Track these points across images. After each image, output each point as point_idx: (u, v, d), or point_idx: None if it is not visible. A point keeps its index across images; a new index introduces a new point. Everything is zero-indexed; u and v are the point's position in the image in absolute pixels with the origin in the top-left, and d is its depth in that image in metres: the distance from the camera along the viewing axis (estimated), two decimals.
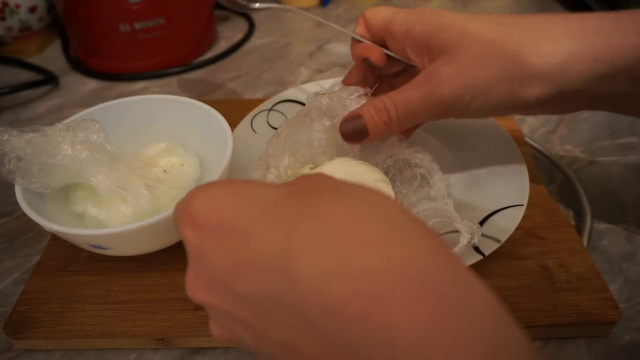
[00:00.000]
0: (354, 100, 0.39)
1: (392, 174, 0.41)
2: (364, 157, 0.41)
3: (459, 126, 0.48)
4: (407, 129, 0.39)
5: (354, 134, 0.36)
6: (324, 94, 0.40)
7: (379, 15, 0.39)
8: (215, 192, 0.22)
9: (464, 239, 0.36)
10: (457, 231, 0.38)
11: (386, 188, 0.39)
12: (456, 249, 0.36)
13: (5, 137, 0.34)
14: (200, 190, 0.22)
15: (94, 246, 0.35)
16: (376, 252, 0.17)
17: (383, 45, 0.40)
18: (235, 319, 0.21)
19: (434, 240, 0.19)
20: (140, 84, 0.64)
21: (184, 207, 0.22)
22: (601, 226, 0.43)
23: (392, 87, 0.39)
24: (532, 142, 0.50)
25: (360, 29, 0.41)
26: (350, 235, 0.18)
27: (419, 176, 0.41)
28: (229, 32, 0.75)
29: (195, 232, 0.21)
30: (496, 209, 0.39)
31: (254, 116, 0.49)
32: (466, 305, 0.17)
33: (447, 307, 0.16)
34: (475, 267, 0.35)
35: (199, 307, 0.36)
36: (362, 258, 0.17)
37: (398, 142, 0.40)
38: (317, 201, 0.19)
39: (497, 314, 0.17)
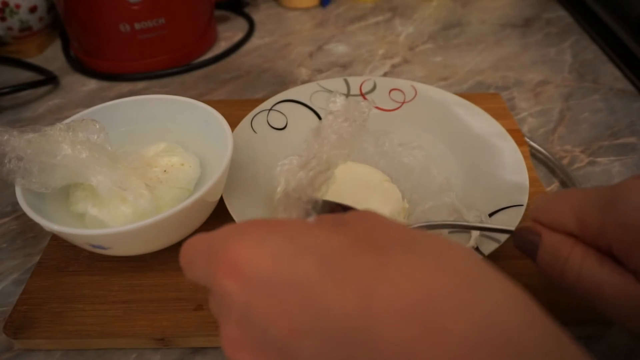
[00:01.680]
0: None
1: (387, 173, 0.41)
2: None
3: (459, 126, 0.48)
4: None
5: (523, 247, 0.30)
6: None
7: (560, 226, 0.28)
8: (262, 238, 0.19)
9: (476, 231, 0.36)
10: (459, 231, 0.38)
11: (392, 189, 0.39)
12: (471, 242, 0.36)
13: (5, 137, 0.34)
14: (241, 234, 0.19)
15: (94, 246, 0.35)
16: (466, 318, 0.16)
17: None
18: None
19: (520, 297, 0.17)
20: (140, 84, 0.64)
21: (221, 249, 0.19)
22: None
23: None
24: (532, 142, 0.50)
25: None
26: (436, 299, 0.16)
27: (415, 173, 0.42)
28: (229, 32, 0.75)
29: (240, 285, 0.18)
30: (496, 209, 0.39)
31: (254, 116, 0.49)
32: None
33: None
34: None
35: (199, 307, 0.36)
36: (452, 324, 0.16)
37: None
38: (390, 257, 0.17)
39: None
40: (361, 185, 0.39)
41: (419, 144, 0.43)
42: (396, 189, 0.40)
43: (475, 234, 0.37)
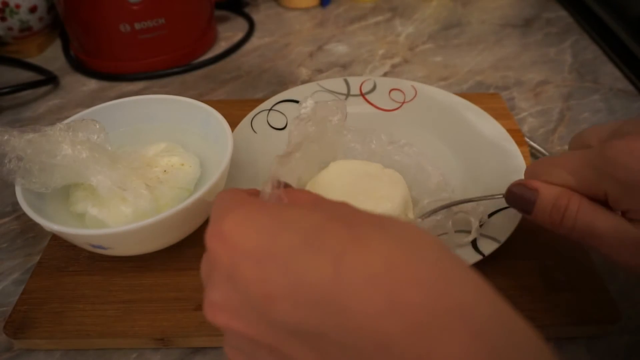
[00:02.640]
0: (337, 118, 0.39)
1: None
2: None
3: (459, 126, 0.48)
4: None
5: (518, 203, 0.33)
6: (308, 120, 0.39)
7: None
8: (250, 213, 0.21)
9: (475, 222, 0.37)
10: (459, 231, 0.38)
11: (393, 174, 0.40)
12: (470, 238, 0.37)
13: (5, 137, 0.34)
14: (234, 209, 0.21)
15: (94, 246, 0.35)
16: (429, 292, 0.18)
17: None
18: (265, 348, 0.20)
19: (480, 282, 0.19)
20: (140, 84, 0.64)
21: (214, 222, 0.21)
22: None
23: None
24: (532, 142, 0.50)
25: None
26: (402, 274, 0.18)
27: (412, 170, 0.42)
28: (229, 32, 0.75)
29: (226, 251, 0.20)
30: (496, 209, 0.39)
31: (254, 116, 0.49)
32: (516, 345, 0.17)
33: (499, 347, 0.17)
34: (475, 267, 0.35)
35: (199, 307, 0.36)
36: (415, 297, 0.17)
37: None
38: (362, 233, 0.19)
39: (540, 350, 0.18)
40: (363, 176, 0.40)
41: (407, 141, 0.43)
42: (397, 173, 0.40)
43: (475, 225, 0.37)
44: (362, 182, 0.39)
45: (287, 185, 0.25)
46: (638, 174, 0.26)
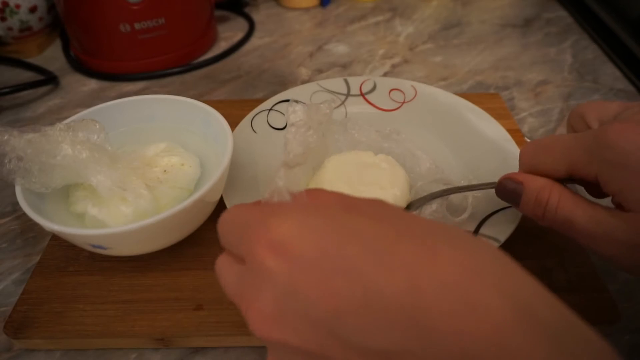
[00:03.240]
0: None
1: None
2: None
3: (459, 126, 0.48)
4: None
5: (506, 196, 0.34)
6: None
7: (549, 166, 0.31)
8: (305, 219, 0.19)
9: (469, 199, 0.38)
10: None
11: (389, 160, 0.40)
12: (464, 215, 0.38)
13: (5, 137, 0.34)
14: (283, 213, 0.19)
15: (94, 246, 0.35)
16: (504, 294, 0.18)
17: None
18: None
19: (536, 282, 0.19)
20: (140, 84, 0.64)
21: (259, 228, 0.19)
22: None
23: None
24: None
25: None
26: (476, 279, 0.18)
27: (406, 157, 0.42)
28: (229, 32, 0.75)
29: (284, 263, 0.18)
30: (496, 209, 0.39)
31: (254, 116, 0.49)
32: (584, 348, 0.18)
33: (570, 350, 0.17)
34: None
35: (199, 307, 0.36)
36: (495, 299, 0.17)
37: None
38: (431, 244, 0.19)
39: (604, 351, 0.18)
40: (361, 167, 0.39)
41: (394, 129, 0.44)
42: (390, 158, 0.40)
43: (469, 201, 0.39)
44: (362, 172, 0.39)
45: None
46: (626, 155, 0.26)
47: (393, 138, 0.43)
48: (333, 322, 0.18)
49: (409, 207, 0.39)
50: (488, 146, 0.45)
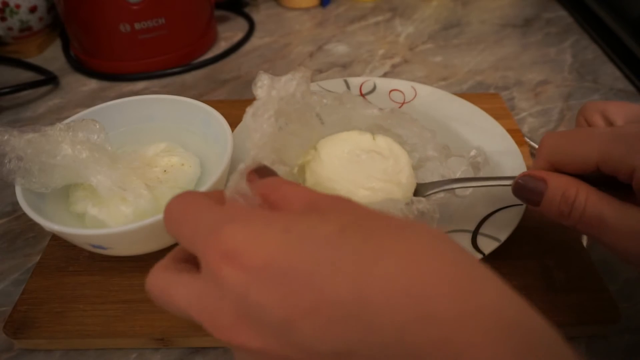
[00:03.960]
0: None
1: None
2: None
3: (459, 126, 0.48)
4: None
5: (525, 195, 0.32)
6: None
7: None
8: (257, 226, 0.19)
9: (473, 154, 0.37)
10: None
11: (389, 143, 0.38)
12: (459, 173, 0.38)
13: (5, 137, 0.34)
14: (236, 220, 0.20)
15: (94, 246, 0.35)
16: (455, 296, 0.17)
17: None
18: None
19: (498, 280, 0.19)
20: (140, 84, 0.64)
21: (211, 234, 0.20)
22: None
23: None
24: (532, 142, 0.50)
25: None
26: (425, 280, 0.18)
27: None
28: (229, 32, 0.75)
29: (238, 272, 0.19)
30: (496, 208, 0.39)
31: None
32: (540, 344, 0.17)
33: (525, 346, 0.17)
34: None
35: None
36: (443, 303, 0.17)
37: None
38: (379, 242, 0.19)
39: (562, 347, 0.18)
40: (362, 156, 0.37)
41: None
42: (389, 140, 0.38)
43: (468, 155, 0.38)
44: (363, 164, 0.37)
45: (271, 173, 0.24)
46: None
47: (396, 116, 0.40)
48: (286, 328, 0.18)
49: (415, 194, 0.38)
50: (488, 146, 0.45)
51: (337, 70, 0.66)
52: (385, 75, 0.64)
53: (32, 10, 0.67)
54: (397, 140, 0.40)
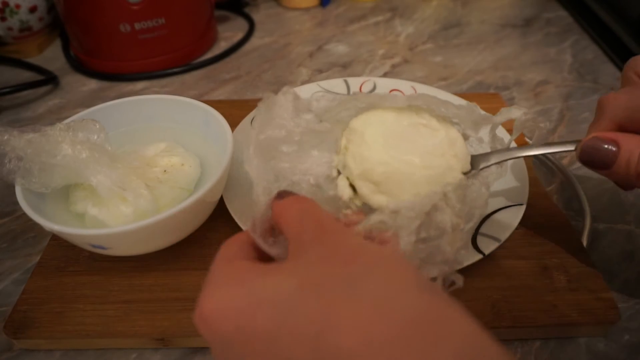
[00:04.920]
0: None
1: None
2: None
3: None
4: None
5: (595, 158, 0.31)
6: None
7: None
8: (224, 295, 0.21)
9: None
10: None
11: (442, 120, 0.35)
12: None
13: (5, 137, 0.34)
14: (210, 292, 0.22)
15: (94, 246, 0.35)
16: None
17: None
18: None
19: (455, 335, 0.18)
20: (140, 84, 0.64)
21: (200, 298, 0.22)
22: (600, 226, 0.43)
23: None
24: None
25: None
26: (376, 348, 0.17)
27: None
28: (229, 32, 0.75)
29: (213, 335, 0.21)
30: (496, 208, 0.39)
31: (254, 116, 0.49)
32: None
33: None
34: (475, 266, 0.35)
35: None
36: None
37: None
38: (334, 303, 0.19)
39: None
40: (409, 133, 0.34)
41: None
42: (432, 112, 0.35)
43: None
44: (415, 140, 0.33)
45: (286, 194, 0.25)
46: None
47: (425, 98, 0.36)
48: None
49: (472, 166, 0.36)
50: (488, 146, 0.45)
51: (337, 70, 0.66)
52: (385, 75, 0.64)
53: (32, 10, 0.67)
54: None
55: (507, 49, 0.69)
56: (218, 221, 0.40)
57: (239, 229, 0.37)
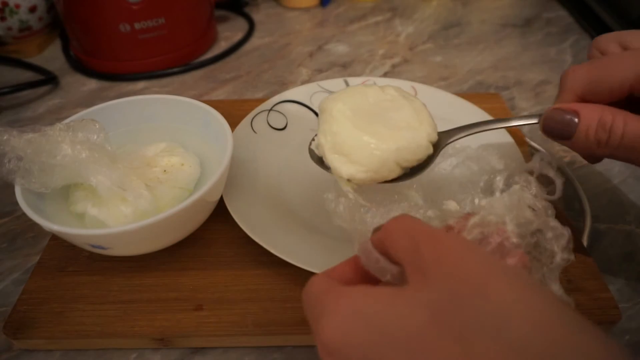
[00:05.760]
0: None
1: None
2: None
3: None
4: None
5: (556, 129, 0.31)
6: None
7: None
8: (348, 321, 0.20)
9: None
10: None
11: (409, 95, 0.36)
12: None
13: (5, 137, 0.34)
14: (332, 315, 0.21)
15: (94, 246, 0.35)
16: None
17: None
18: None
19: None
20: (140, 84, 0.64)
21: (316, 323, 0.21)
22: (601, 226, 0.43)
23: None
24: (532, 142, 0.50)
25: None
26: None
27: None
28: (229, 32, 0.75)
29: None
30: None
31: (254, 116, 0.49)
32: None
33: None
34: None
35: (198, 307, 0.36)
36: None
37: None
38: (472, 350, 0.17)
39: None
40: (377, 110, 0.35)
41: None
42: (400, 88, 0.36)
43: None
44: (383, 116, 0.34)
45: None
46: None
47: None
48: None
49: (438, 142, 0.36)
50: (487, 145, 0.45)
51: (337, 70, 0.66)
52: (385, 75, 0.64)
53: (32, 10, 0.67)
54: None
55: (507, 49, 0.69)
56: (218, 221, 0.40)
57: (239, 229, 0.37)
